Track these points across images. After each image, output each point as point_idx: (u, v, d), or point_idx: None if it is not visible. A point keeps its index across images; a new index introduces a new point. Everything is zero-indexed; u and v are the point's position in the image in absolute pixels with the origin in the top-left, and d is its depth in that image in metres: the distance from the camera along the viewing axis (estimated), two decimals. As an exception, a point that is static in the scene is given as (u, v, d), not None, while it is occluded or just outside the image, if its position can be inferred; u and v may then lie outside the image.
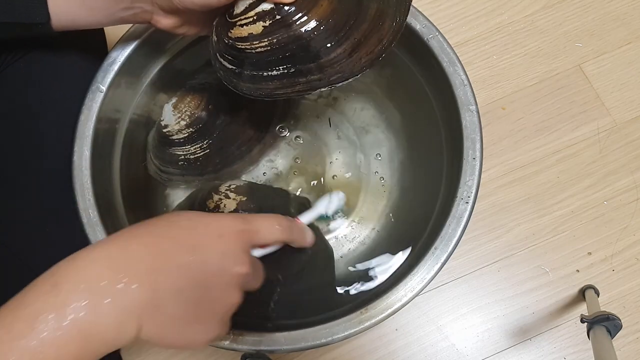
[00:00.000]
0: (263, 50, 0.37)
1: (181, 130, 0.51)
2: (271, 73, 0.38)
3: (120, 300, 0.28)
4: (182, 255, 0.31)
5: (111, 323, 0.28)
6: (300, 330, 0.43)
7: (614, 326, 0.53)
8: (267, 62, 0.38)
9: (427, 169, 0.56)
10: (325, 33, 0.37)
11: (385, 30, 0.39)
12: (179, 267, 0.31)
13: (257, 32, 0.37)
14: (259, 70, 0.38)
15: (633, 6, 0.75)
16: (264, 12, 0.37)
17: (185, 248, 0.31)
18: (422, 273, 0.45)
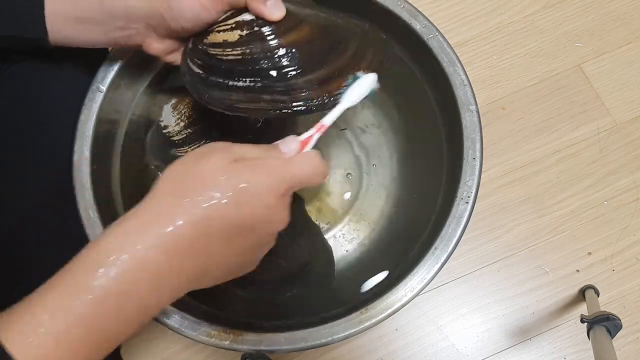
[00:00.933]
0: (234, 59, 0.37)
1: (180, 131, 0.51)
2: (237, 83, 0.37)
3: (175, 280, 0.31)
4: (231, 232, 0.32)
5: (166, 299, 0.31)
6: (300, 330, 0.43)
7: (614, 326, 0.53)
8: (236, 71, 0.37)
9: (427, 169, 0.56)
10: (299, 56, 0.37)
11: (368, 59, 0.39)
12: (228, 242, 0.32)
13: (232, 40, 0.37)
14: (225, 79, 0.38)
15: (633, 6, 0.75)
16: (244, 22, 0.37)
17: (234, 226, 0.32)
18: (422, 273, 0.45)
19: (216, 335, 0.43)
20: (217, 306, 0.48)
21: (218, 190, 0.31)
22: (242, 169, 0.32)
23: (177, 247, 0.30)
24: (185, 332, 0.43)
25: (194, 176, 0.32)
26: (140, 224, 0.30)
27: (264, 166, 0.33)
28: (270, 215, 0.33)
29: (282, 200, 0.33)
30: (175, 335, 0.47)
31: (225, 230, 0.32)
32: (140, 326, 0.30)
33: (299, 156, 0.35)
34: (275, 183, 0.32)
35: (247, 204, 0.32)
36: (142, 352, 0.64)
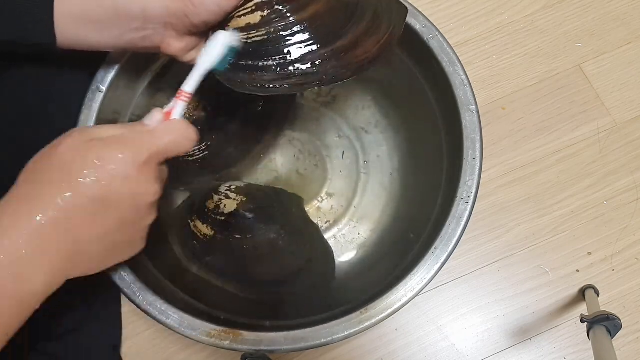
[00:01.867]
0: (259, 40, 0.37)
1: (181, 130, 0.51)
2: (267, 63, 0.38)
3: (42, 263, 0.31)
4: (94, 209, 0.32)
5: (40, 282, 0.31)
6: (300, 330, 0.43)
7: (614, 326, 0.53)
8: (263, 51, 0.37)
9: (427, 169, 0.56)
10: (324, 25, 0.37)
11: (382, 33, 0.39)
12: (93, 219, 0.32)
13: (255, 22, 0.37)
14: (255, 60, 0.38)
15: (633, 6, 0.75)
16: (263, 2, 0.37)
17: (94, 202, 0.32)
18: (422, 273, 0.45)
19: (216, 335, 0.43)
20: (217, 306, 0.48)
21: (70, 170, 0.31)
22: (95, 145, 0.32)
23: (38, 232, 0.30)
24: (185, 332, 0.43)
25: (50, 159, 0.33)
26: (0, 216, 0.31)
27: (118, 140, 0.33)
28: (133, 187, 0.33)
29: (145, 170, 0.33)
30: (175, 335, 0.47)
31: (87, 208, 0.32)
32: (22, 315, 0.30)
33: (159, 125, 0.35)
34: (131, 154, 0.32)
35: (103, 178, 0.32)
36: (142, 352, 0.64)
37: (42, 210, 0.31)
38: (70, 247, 0.32)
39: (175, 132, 0.35)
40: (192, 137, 0.36)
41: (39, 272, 0.31)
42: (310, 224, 0.56)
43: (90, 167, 0.31)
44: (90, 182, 0.31)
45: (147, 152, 0.33)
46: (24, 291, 0.30)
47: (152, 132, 0.35)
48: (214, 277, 0.53)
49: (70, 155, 0.32)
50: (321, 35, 0.37)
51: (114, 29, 0.38)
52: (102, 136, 0.33)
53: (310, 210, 0.61)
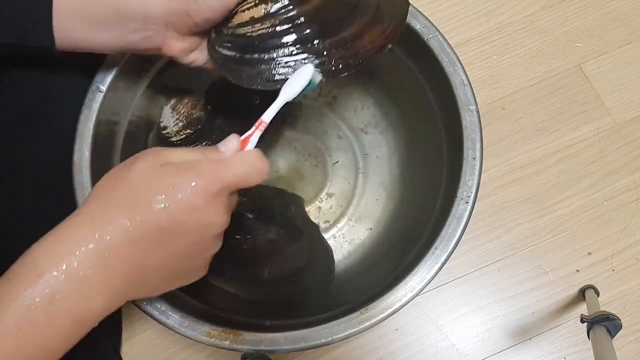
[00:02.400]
0: (265, 33, 0.37)
1: (179, 131, 0.51)
2: (273, 55, 0.37)
3: (107, 286, 0.30)
4: (160, 236, 0.31)
5: (101, 303, 0.30)
6: (300, 330, 0.43)
7: (614, 326, 0.53)
8: (270, 44, 0.37)
9: (427, 169, 0.56)
10: (329, 16, 0.37)
11: (387, 23, 0.39)
12: (158, 246, 0.32)
13: (259, 16, 0.37)
14: (261, 53, 0.38)
15: (633, 6, 0.75)
16: None
17: (163, 230, 0.31)
18: (422, 273, 0.45)
19: (216, 335, 0.43)
20: (217, 306, 0.48)
21: (142, 194, 0.31)
22: (168, 171, 0.32)
23: (104, 254, 0.30)
24: (185, 332, 0.43)
25: (122, 181, 0.32)
26: (68, 233, 0.30)
27: (192, 168, 0.32)
28: (201, 217, 0.32)
29: (216, 201, 0.32)
30: (175, 335, 0.47)
31: (153, 235, 0.31)
32: (77, 334, 0.30)
33: (233, 155, 0.34)
34: (204, 184, 0.32)
35: (173, 208, 0.31)
36: (142, 352, 0.64)
37: (111, 231, 0.30)
38: (134, 270, 0.31)
39: (249, 165, 0.34)
40: (265, 170, 0.35)
41: (102, 293, 0.30)
42: (310, 224, 0.56)
43: (161, 194, 0.31)
44: (159, 209, 0.31)
45: (220, 183, 0.32)
46: (85, 310, 0.30)
47: (226, 162, 0.33)
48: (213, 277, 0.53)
49: (143, 179, 0.31)
50: (326, 26, 0.37)
51: (115, 29, 0.37)
52: (177, 161, 0.33)
53: (311, 211, 0.61)
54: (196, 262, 0.35)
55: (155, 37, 0.39)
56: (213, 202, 0.32)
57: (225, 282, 0.53)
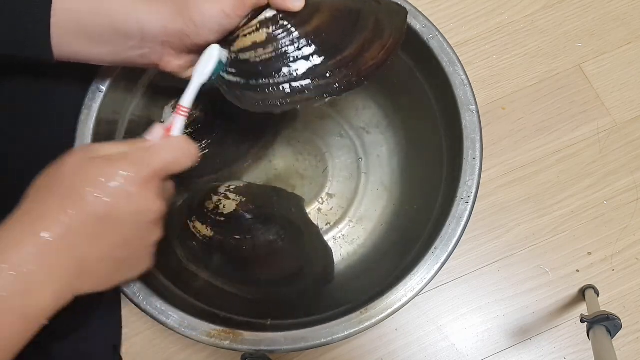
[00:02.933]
0: (268, 57, 0.37)
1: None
2: (277, 80, 0.37)
3: (51, 279, 0.31)
4: (97, 226, 0.32)
5: (48, 298, 0.31)
6: (300, 330, 0.43)
7: (614, 326, 0.53)
8: (273, 69, 0.37)
9: (427, 169, 0.56)
10: (330, 36, 0.37)
11: (386, 37, 0.39)
12: (97, 236, 0.32)
13: (261, 40, 0.37)
14: (265, 78, 0.38)
15: (633, 6, 0.75)
16: (267, 19, 0.37)
17: (98, 219, 0.32)
18: (422, 273, 0.45)
19: (216, 335, 0.43)
20: (217, 306, 0.48)
21: (73, 187, 0.32)
22: (98, 163, 0.33)
23: (44, 249, 0.30)
24: (185, 332, 0.43)
25: (54, 178, 0.33)
26: (6, 234, 0.31)
27: (120, 157, 0.33)
28: (135, 204, 0.33)
29: (148, 187, 0.34)
30: (175, 335, 0.47)
31: (89, 226, 0.32)
32: (27, 330, 0.31)
33: (159, 142, 0.36)
34: (134, 171, 0.33)
35: (106, 195, 0.32)
36: (142, 352, 0.64)
37: (48, 227, 0.31)
38: (76, 263, 0.32)
39: (176, 149, 0.35)
40: (192, 154, 0.37)
41: (46, 289, 0.31)
42: (310, 224, 0.56)
43: (92, 185, 0.32)
44: (93, 200, 0.31)
45: (149, 168, 0.33)
46: (31, 307, 0.30)
47: (153, 148, 0.35)
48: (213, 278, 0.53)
49: (73, 173, 0.32)
50: (328, 46, 0.37)
51: (111, 45, 0.38)
52: (105, 154, 0.34)
53: (311, 211, 0.61)
54: (138, 251, 0.36)
55: (152, 54, 0.39)
56: (146, 188, 0.33)
57: (225, 282, 0.53)
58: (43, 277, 0.30)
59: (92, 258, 0.33)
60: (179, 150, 0.36)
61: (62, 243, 0.31)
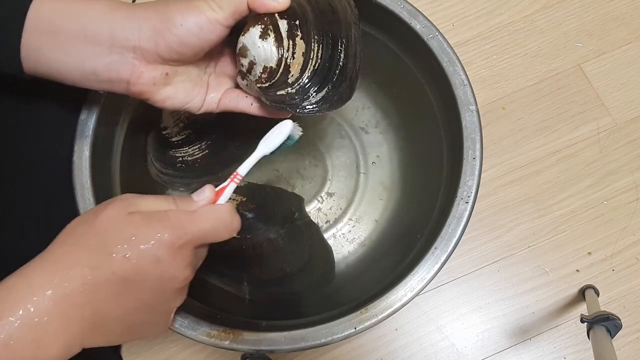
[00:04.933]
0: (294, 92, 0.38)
1: (180, 132, 0.51)
2: (299, 108, 0.39)
3: (64, 332, 0.29)
4: (119, 286, 0.31)
5: (58, 350, 0.29)
6: (300, 330, 0.43)
7: (614, 326, 0.53)
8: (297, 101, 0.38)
9: (427, 169, 0.56)
10: (323, 65, 0.38)
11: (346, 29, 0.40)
12: (116, 297, 0.31)
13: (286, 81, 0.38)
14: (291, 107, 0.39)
15: (633, 6, 0.75)
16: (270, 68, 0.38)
17: (122, 280, 0.31)
18: (422, 273, 0.45)
19: (216, 335, 0.43)
20: (217, 306, 0.48)
21: (105, 242, 0.30)
22: (134, 220, 0.31)
23: (62, 300, 0.29)
24: (185, 332, 0.43)
25: (88, 227, 0.31)
26: (30, 277, 0.30)
27: (158, 219, 0.31)
28: (163, 271, 0.31)
29: (180, 255, 0.32)
30: (175, 335, 0.47)
31: (113, 285, 0.30)
32: None
33: (204, 209, 0.33)
34: (168, 237, 0.31)
35: (134, 258, 0.30)
36: (142, 352, 0.64)
37: (71, 278, 0.30)
38: (92, 319, 0.31)
39: (219, 220, 0.33)
40: (235, 227, 0.34)
41: (57, 340, 0.29)
42: (310, 223, 0.56)
43: (124, 243, 0.30)
44: (120, 259, 0.30)
45: (186, 236, 0.32)
46: (39, 357, 0.29)
47: (195, 215, 0.33)
48: (213, 277, 0.53)
49: (108, 226, 0.31)
50: (324, 73, 0.38)
51: (78, 51, 0.35)
52: (147, 209, 0.32)
53: (311, 211, 0.61)
54: (156, 316, 0.35)
55: (121, 65, 0.36)
56: (177, 256, 0.32)
57: (225, 282, 0.53)
58: (57, 328, 0.29)
59: (109, 317, 0.32)
60: (221, 222, 0.34)
61: (81, 297, 0.30)
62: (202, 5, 0.35)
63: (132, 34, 0.35)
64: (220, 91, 0.42)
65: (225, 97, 0.42)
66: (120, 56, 0.36)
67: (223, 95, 0.42)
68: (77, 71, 0.36)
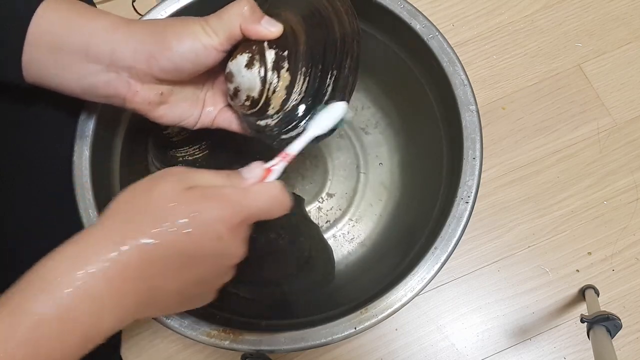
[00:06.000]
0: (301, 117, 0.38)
1: (180, 131, 0.51)
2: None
3: (119, 305, 0.30)
4: (178, 262, 0.31)
5: (112, 322, 0.30)
6: (300, 330, 0.43)
7: (613, 326, 0.53)
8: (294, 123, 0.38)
9: (427, 169, 0.56)
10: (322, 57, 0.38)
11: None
12: (174, 272, 0.31)
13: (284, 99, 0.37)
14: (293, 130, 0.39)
15: (633, 6, 0.75)
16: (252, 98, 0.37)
17: (181, 255, 0.31)
18: (422, 273, 0.45)
19: (216, 335, 0.43)
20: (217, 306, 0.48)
21: (165, 217, 0.30)
22: (194, 197, 0.31)
23: (119, 274, 0.29)
24: (185, 332, 0.43)
25: (143, 201, 0.31)
26: (82, 248, 0.29)
27: (218, 195, 0.31)
28: (222, 247, 0.32)
29: (237, 232, 0.32)
30: (175, 335, 0.47)
31: (172, 260, 0.30)
32: (83, 350, 0.30)
33: (257, 186, 0.34)
34: (229, 214, 0.31)
35: (196, 234, 0.30)
36: (142, 352, 0.64)
37: (129, 252, 0.29)
38: (147, 293, 0.31)
39: (273, 198, 0.34)
40: (287, 204, 0.35)
41: (112, 312, 0.30)
42: (311, 223, 0.56)
43: (185, 218, 0.30)
44: (181, 234, 0.30)
45: (244, 214, 0.32)
46: (95, 328, 0.29)
47: (251, 192, 0.33)
48: (214, 277, 0.53)
49: (166, 200, 0.30)
50: (325, 66, 0.38)
51: (78, 68, 0.36)
52: (201, 184, 0.32)
53: (311, 210, 0.61)
54: (208, 289, 0.35)
55: (119, 82, 0.37)
56: (235, 233, 0.32)
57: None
58: (111, 302, 0.29)
59: (165, 290, 0.32)
60: (274, 199, 0.34)
61: (138, 272, 0.30)
62: (198, 31, 0.35)
63: (128, 54, 0.35)
64: (217, 109, 0.42)
65: (220, 116, 0.42)
66: (117, 75, 0.36)
67: (218, 114, 0.42)
68: (77, 86, 0.37)
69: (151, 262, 0.30)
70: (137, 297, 0.30)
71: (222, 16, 0.36)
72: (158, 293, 0.31)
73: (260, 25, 0.36)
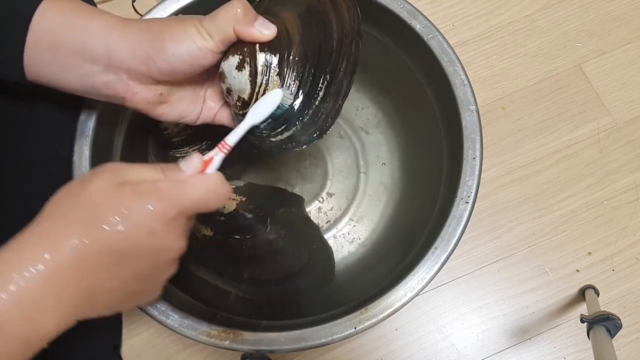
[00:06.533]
0: None
1: (180, 132, 0.51)
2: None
3: (58, 306, 0.29)
4: (113, 259, 0.31)
5: (52, 324, 0.29)
6: (300, 330, 0.43)
7: (613, 326, 0.53)
8: None
9: (427, 169, 0.56)
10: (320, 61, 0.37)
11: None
12: (110, 270, 0.31)
13: None
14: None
15: (633, 6, 0.75)
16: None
17: (116, 252, 0.30)
18: (422, 273, 0.45)
19: (216, 335, 0.43)
20: (217, 306, 0.48)
21: (97, 215, 0.30)
22: (124, 193, 0.30)
23: (54, 275, 0.29)
24: (185, 332, 0.43)
25: (75, 200, 0.31)
26: (17, 252, 0.29)
27: (150, 190, 0.31)
28: (158, 243, 0.31)
29: (172, 226, 0.32)
30: (175, 335, 0.47)
31: (107, 258, 0.30)
32: (26, 356, 0.29)
33: (194, 178, 0.33)
34: (161, 208, 0.31)
35: (128, 231, 0.30)
36: (142, 352, 0.64)
37: (63, 253, 0.29)
38: (86, 293, 0.30)
39: (209, 190, 0.33)
40: (225, 196, 0.34)
41: (50, 316, 0.29)
42: (310, 223, 0.56)
43: (116, 215, 0.30)
44: (113, 232, 0.30)
45: (177, 207, 0.31)
46: (33, 333, 0.29)
47: (186, 184, 0.32)
48: (213, 277, 0.53)
49: (98, 199, 0.30)
50: (321, 67, 0.37)
51: (75, 70, 0.36)
52: (135, 179, 0.32)
53: (311, 211, 0.61)
54: (150, 285, 0.35)
55: (118, 84, 0.37)
56: (170, 227, 0.31)
57: (225, 282, 0.53)
58: (50, 303, 0.29)
59: (104, 289, 0.31)
60: (212, 192, 0.33)
61: (74, 273, 0.29)
62: (193, 34, 0.35)
63: (126, 56, 0.35)
64: (217, 106, 0.43)
65: (221, 113, 0.43)
66: (116, 76, 0.36)
67: (219, 110, 0.43)
68: (77, 85, 0.37)
69: (86, 261, 0.30)
70: (76, 297, 0.30)
71: (216, 18, 0.36)
72: (98, 291, 0.31)
73: (254, 28, 0.36)
